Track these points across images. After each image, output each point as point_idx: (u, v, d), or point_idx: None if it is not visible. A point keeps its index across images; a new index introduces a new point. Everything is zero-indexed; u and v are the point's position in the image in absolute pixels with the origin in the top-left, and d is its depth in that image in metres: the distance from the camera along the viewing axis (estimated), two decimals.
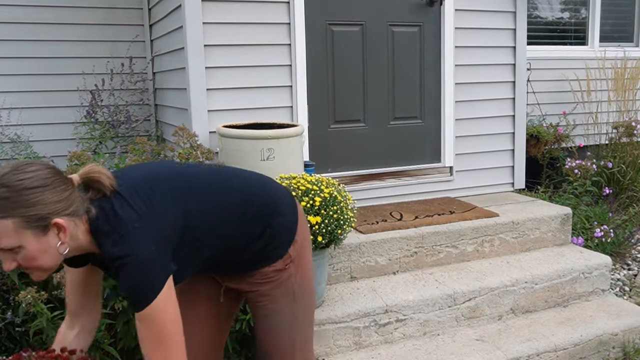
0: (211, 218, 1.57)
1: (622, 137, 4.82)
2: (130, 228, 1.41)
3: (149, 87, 4.37)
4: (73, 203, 1.40)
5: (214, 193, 1.61)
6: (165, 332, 1.42)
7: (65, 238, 1.40)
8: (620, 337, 2.89)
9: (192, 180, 1.61)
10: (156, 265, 1.41)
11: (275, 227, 1.68)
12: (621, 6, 5.70)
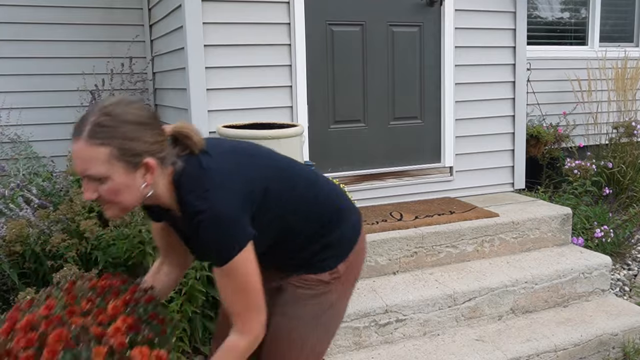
0: (287, 203, 1.57)
1: (622, 137, 4.82)
2: (216, 184, 1.42)
3: (149, 87, 4.37)
4: (164, 150, 1.43)
5: (299, 182, 1.62)
6: (246, 286, 1.45)
7: (151, 180, 1.41)
8: (620, 337, 2.89)
9: (278, 162, 1.62)
10: (238, 224, 1.41)
11: (333, 238, 1.65)
12: (621, 6, 5.70)
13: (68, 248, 2.34)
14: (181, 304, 2.48)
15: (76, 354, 1.23)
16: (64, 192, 2.84)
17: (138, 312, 1.42)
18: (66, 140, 4.04)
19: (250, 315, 1.48)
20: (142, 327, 1.38)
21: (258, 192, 1.48)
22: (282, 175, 1.59)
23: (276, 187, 1.54)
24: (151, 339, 1.37)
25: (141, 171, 1.39)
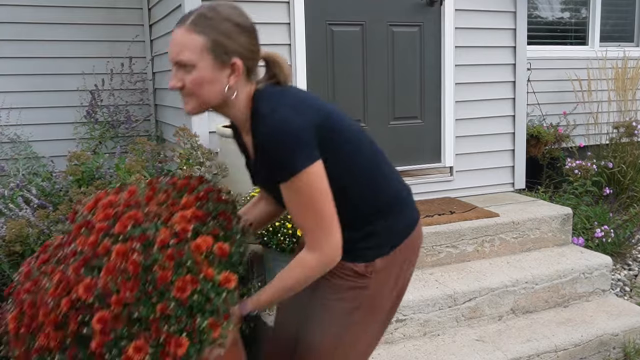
0: (349, 164, 1.53)
1: (623, 137, 4.82)
2: (290, 103, 1.46)
3: (148, 87, 4.36)
4: (254, 62, 1.49)
5: (365, 148, 1.58)
6: (313, 203, 1.44)
7: (234, 82, 1.46)
8: (620, 338, 2.88)
9: (352, 124, 1.59)
10: (303, 140, 1.42)
11: (380, 227, 1.57)
12: (621, 6, 5.70)
13: None
14: None
15: (143, 229, 1.34)
16: (64, 192, 2.83)
17: (207, 207, 1.48)
18: (66, 140, 4.08)
19: (318, 234, 1.45)
20: (208, 220, 1.43)
21: (326, 136, 1.47)
22: (352, 134, 1.56)
23: (343, 142, 1.52)
24: (217, 233, 1.43)
25: (227, 71, 1.45)
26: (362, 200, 1.56)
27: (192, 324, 1.28)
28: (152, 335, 1.26)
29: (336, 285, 1.60)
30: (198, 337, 1.29)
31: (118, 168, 2.79)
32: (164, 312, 1.26)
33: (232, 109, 1.51)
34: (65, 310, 1.28)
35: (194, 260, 1.32)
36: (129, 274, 1.28)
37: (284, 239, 2.40)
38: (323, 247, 1.46)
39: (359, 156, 1.56)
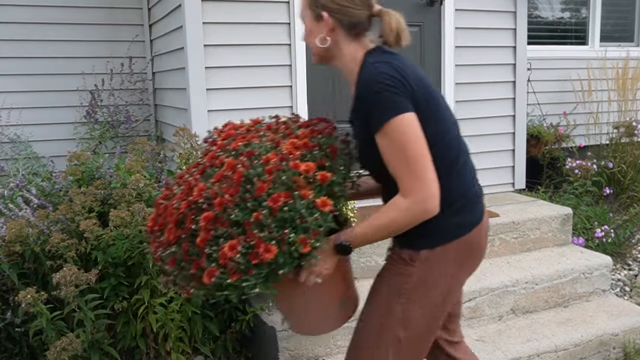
0: (435, 143, 1.56)
1: (623, 137, 4.82)
2: (390, 64, 1.58)
3: (148, 87, 4.36)
4: (348, 17, 1.64)
5: (453, 135, 1.65)
6: (405, 151, 1.50)
7: (326, 34, 1.66)
8: (620, 338, 2.88)
9: (447, 107, 1.68)
10: (399, 93, 1.51)
11: (434, 218, 1.54)
12: (621, 6, 5.70)
13: (67, 248, 2.34)
14: (181, 304, 2.48)
15: (253, 147, 1.57)
16: (64, 192, 2.83)
17: (319, 140, 1.62)
18: (66, 140, 4.07)
19: (410, 180, 1.49)
20: (316, 150, 1.57)
21: (418, 105, 1.54)
22: (444, 118, 1.63)
23: (432, 118, 1.58)
24: (322, 163, 1.55)
25: (322, 24, 1.65)
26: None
27: (282, 235, 1.41)
28: (246, 238, 1.42)
29: (387, 269, 1.69)
30: (288, 248, 1.42)
31: (118, 168, 2.79)
32: (258, 219, 1.42)
33: (337, 60, 1.71)
34: (183, 210, 1.51)
35: (291, 178, 1.47)
36: (232, 182, 1.47)
37: None
38: (414, 193, 1.49)
39: (442, 140, 1.59)
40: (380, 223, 1.56)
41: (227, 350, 2.70)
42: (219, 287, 1.45)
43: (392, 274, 1.66)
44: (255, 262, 1.41)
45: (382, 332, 1.65)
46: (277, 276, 1.44)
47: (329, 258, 1.59)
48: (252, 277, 1.43)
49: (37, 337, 2.40)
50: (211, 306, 2.71)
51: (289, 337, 2.49)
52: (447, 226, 1.60)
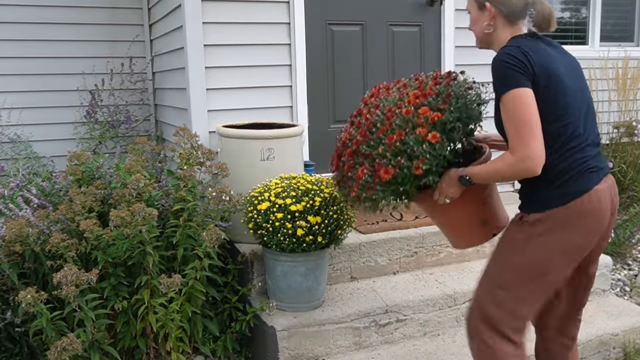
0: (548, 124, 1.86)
1: (623, 137, 4.82)
2: (521, 48, 1.87)
3: (148, 87, 4.37)
4: (507, 7, 1.96)
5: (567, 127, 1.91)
6: (516, 117, 1.82)
7: (488, 21, 1.99)
8: (620, 337, 2.88)
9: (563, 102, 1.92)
10: (519, 71, 1.84)
11: (544, 187, 1.90)
12: (621, 6, 5.70)
13: (68, 248, 2.34)
14: (181, 304, 2.48)
15: (380, 100, 2.14)
16: (64, 192, 2.83)
17: (438, 89, 2.05)
18: (66, 140, 4.08)
19: (517, 142, 1.82)
20: (431, 97, 2.00)
21: (537, 88, 1.85)
22: (564, 104, 1.90)
23: (548, 102, 1.87)
24: (440, 107, 1.97)
25: (485, 13, 1.98)
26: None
27: (398, 162, 1.93)
28: (372, 164, 2.00)
29: (508, 228, 2.05)
30: (402, 171, 1.92)
31: (118, 168, 2.79)
32: (379, 152, 1.97)
33: (495, 45, 2.03)
34: (341, 148, 2.21)
35: (404, 119, 1.96)
36: (364, 126, 2.07)
37: (283, 239, 2.40)
38: (517, 152, 1.82)
39: (555, 122, 1.88)
40: (489, 169, 1.94)
41: (227, 350, 2.70)
42: (358, 199, 2.09)
43: (508, 231, 2.03)
44: (377, 180, 1.99)
45: (493, 275, 2.02)
46: (400, 193, 2.01)
47: (454, 185, 2.00)
48: (379, 192, 2.01)
49: (37, 337, 2.40)
50: (211, 306, 2.71)
51: (289, 337, 2.49)
52: (553, 195, 1.89)
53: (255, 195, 2.52)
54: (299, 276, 2.51)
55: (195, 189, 2.64)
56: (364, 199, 2.07)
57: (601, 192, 1.91)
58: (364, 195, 2.05)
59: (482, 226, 2.22)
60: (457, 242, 2.32)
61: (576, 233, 1.91)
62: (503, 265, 2.00)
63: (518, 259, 1.95)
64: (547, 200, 1.90)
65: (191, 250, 2.57)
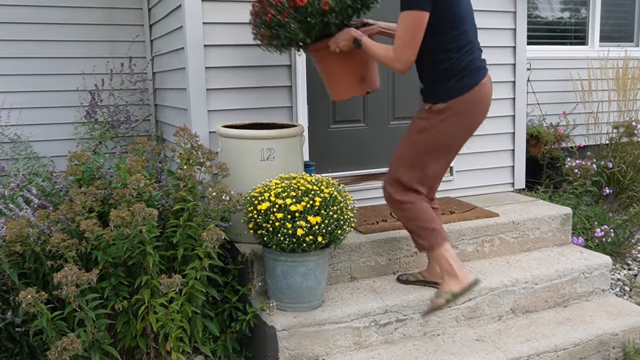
0: (440, 38, 2.44)
1: (623, 137, 4.82)
2: None
3: (148, 87, 4.37)
4: None
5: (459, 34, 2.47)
6: (407, 29, 2.38)
7: None
8: (620, 337, 2.88)
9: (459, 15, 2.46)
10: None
11: (445, 83, 2.47)
12: (621, 6, 5.70)
13: (68, 248, 2.34)
14: (181, 304, 2.48)
15: None
16: (64, 192, 2.83)
17: None
18: (66, 140, 4.08)
19: (400, 44, 2.41)
20: None
21: (440, 7, 2.37)
22: (459, 16, 2.43)
23: (448, 18, 2.41)
24: None
25: None
26: (440, 67, 2.48)
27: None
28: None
29: (416, 117, 2.61)
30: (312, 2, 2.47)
31: (118, 168, 2.79)
32: None
33: None
34: None
35: None
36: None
37: (284, 239, 2.41)
38: (397, 53, 2.42)
39: (452, 30, 2.43)
40: (375, 47, 2.51)
41: (227, 350, 2.70)
42: (273, 24, 2.51)
43: (417, 119, 2.59)
44: (292, 4, 2.43)
45: (406, 153, 2.60)
46: (306, 28, 2.50)
47: (347, 39, 2.58)
48: (291, 19, 2.44)
49: (38, 336, 2.40)
50: (211, 306, 2.71)
51: (289, 337, 2.49)
52: (453, 88, 2.47)
53: (255, 195, 2.52)
54: (299, 276, 2.52)
55: (195, 189, 2.64)
56: (275, 24, 2.48)
57: (485, 85, 2.52)
58: (276, 19, 2.44)
59: (361, 82, 2.76)
60: (337, 92, 2.80)
61: (471, 116, 2.52)
62: (415, 144, 2.56)
63: (429, 139, 2.53)
64: (449, 92, 2.47)
65: (191, 250, 2.57)
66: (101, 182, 2.73)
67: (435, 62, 2.49)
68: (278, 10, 2.44)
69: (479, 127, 2.62)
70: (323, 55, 2.66)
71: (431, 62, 2.51)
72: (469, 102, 2.48)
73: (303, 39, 2.60)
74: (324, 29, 2.58)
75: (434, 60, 2.50)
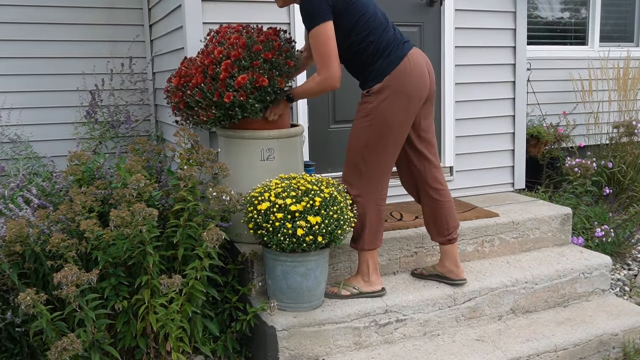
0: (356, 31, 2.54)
1: (623, 136, 4.82)
2: None
3: (149, 87, 4.37)
4: None
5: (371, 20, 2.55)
6: (322, 46, 2.47)
7: None
8: (620, 337, 2.89)
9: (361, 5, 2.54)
10: (320, 8, 2.44)
11: (376, 65, 2.54)
12: (621, 6, 5.70)
13: (68, 248, 2.34)
14: (181, 304, 2.48)
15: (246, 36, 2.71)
16: (64, 192, 2.83)
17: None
18: (66, 140, 4.08)
19: (323, 65, 2.49)
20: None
21: (341, 6, 2.48)
22: (362, 6, 2.52)
23: (354, 12, 2.50)
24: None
25: None
26: (365, 54, 2.55)
27: (271, 74, 2.63)
28: (252, 74, 2.60)
29: (359, 107, 2.64)
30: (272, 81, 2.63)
31: (118, 168, 2.79)
32: (257, 65, 2.61)
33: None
34: (207, 63, 2.66)
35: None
36: (237, 47, 2.64)
37: (284, 239, 2.41)
38: (322, 73, 2.50)
39: (363, 18, 2.51)
40: (304, 89, 2.66)
41: (227, 350, 2.70)
42: (232, 105, 2.61)
43: (360, 106, 2.62)
44: (257, 85, 2.57)
45: (357, 140, 2.61)
46: (265, 101, 2.67)
47: (283, 104, 2.76)
48: (253, 98, 2.60)
49: (38, 337, 2.40)
50: (211, 306, 2.71)
51: (289, 337, 2.49)
52: (384, 66, 2.53)
53: (255, 195, 2.52)
54: (299, 276, 2.52)
55: (195, 189, 2.64)
56: (236, 104, 2.60)
57: (414, 55, 2.56)
58: (238, 100, 2.57)
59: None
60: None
61: (408, 88, 2.53)
62: (362, 130, 2.58)
63: (371, 122, 2.55)
64: (381, 71, 2.53)
65: (191, 250, 2.57)
66: (101, 182, 2.73)
67: (360, 52, 2.56)
68: (242, 91, 2.59)
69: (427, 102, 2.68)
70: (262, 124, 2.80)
71: (356, 54, 2.58)
72: (402, 74, 2.51)
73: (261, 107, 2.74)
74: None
75: (358, 51, 2.56)
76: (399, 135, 2.60)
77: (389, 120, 2.54)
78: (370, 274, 2.72)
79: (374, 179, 2.63)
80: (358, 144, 2.60)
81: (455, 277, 2.85)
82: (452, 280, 2.85)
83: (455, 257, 2.86)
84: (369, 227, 2.67)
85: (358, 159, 2.61)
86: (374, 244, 2.70)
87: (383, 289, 2.76)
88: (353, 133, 2.62)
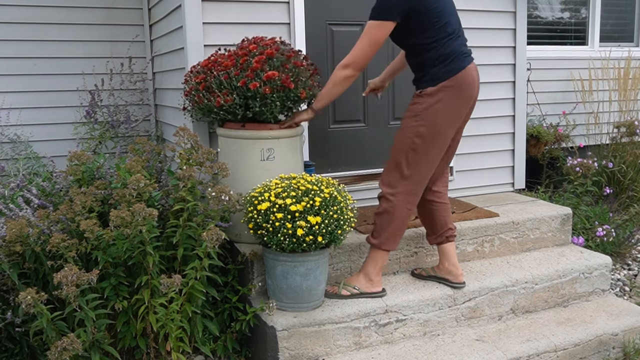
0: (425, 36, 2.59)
1: (623, 136, 4.82)
2: None
3: (148, 87, 4.37)
4: None
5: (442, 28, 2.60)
6: (364, 40, 2.61)
7: None
8: (620, 337, 2.89)
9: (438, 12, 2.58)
10: (392, 7, 2.53)
11: (433, 70, 2.61)
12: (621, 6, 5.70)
13: (68, 248, 2.34)
14: (181, 304, 2.48)
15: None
16: (64, 192, 2.83)
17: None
18: (66, 140, 4.08)
19: (353, 58, 2.64)
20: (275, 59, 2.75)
21: (415, 9, 2.53)
22: (438, 14, 2.56)
23: (429, 17, 2.56)
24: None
25: None
26: (427, 55, 2.62)
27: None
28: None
29: (409, 107, 2.69)
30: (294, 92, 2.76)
31: (118, 168, 2.79)
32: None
33: None
34: (242, 55, 2.79)
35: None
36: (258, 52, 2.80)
37: (283, 239, 2.41)
38: (351, 66, 2.65)
39: (436, 26, 2.57)
40: (324, 92, 2.73)
41: (227, 350, 2.70)
42: (254, 95, 2.70)
43: (411, 105, 2.68)
44: (283, 84, 2.70)
45: (403, 140, 2.65)
46: (284, 104, 2.77)
47: (307, 113, 2.84)
48: (277, 95, 2.71)
49: (38, 337, 2.40)
50: (211, 306, 2.71)
51: (289, 337, 2.49)
52: (441, 72, 2.60)
53: (255, 196, 2.52)
54: (299, 276, 2.52)
55: (195, 189, 2.64)
56: (258, 95, 2.67)
57: (470, 70, 2.65)
58: (261, 91, 2.64)
59: None
60: None
61: (458, 99, 2.62)
62: (410, 130, 2.63)
63: (420, 123, 2.61)
64: (438, 76, 2.60)
65: (191, 250, 2.57)
66: (101, 182, 2.73)
67: (422, 53, 2.62)
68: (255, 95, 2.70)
69: (466, 122, 2.78)
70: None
71: (419, 54, 2.64)
72: (457, 85, 2.59)
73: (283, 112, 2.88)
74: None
75: (421, 52, 2.63)
76: (443, 141, 2.65)
77: (438, 123, 2.60)
78: (375, 275, 2.74)
79: (412, 183, 2.66)
80: (404, 143, 2.64)
81: (454, 280, 2.85)
82: (451, 283, 2.86)
83: (454, 259, 2.86)
84: (393, 228, 2.69)
85: (401, 159, 2.64)
86: (391, 246, 2.72)
87: (383, 290, 2.77)
88: (400, 133, 2.67)
